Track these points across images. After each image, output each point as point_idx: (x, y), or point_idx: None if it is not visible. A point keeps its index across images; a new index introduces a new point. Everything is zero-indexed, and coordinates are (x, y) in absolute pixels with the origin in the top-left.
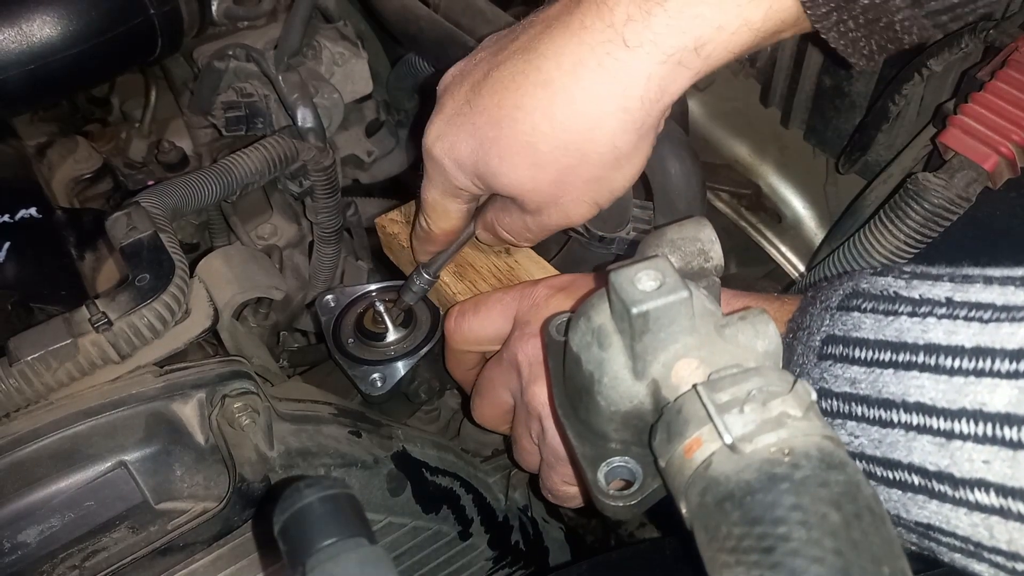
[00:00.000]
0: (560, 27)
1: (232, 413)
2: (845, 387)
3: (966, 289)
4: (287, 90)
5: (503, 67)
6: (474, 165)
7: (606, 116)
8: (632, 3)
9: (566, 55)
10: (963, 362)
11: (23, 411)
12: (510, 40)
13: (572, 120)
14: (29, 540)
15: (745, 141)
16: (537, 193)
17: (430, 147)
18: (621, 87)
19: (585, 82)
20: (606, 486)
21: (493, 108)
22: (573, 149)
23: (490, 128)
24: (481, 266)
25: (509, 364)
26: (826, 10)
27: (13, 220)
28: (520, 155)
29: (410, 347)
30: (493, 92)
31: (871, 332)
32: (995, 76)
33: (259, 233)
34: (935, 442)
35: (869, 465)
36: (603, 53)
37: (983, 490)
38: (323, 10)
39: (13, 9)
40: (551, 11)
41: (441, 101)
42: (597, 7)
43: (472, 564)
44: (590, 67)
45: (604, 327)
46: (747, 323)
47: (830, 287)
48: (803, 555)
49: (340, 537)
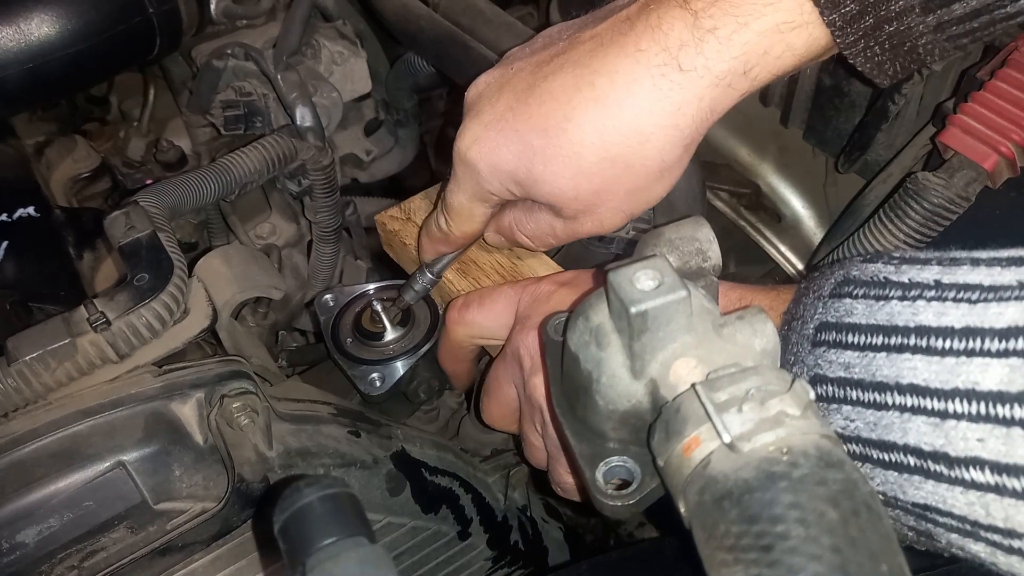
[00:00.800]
0: (615, 48)
1: (231, 413)
2: (840, 372)
3: (954, 271)
4: (286, 89)
5: (552, 79)
6: (514, 171)
7: (658, 130)
8: (686, 29)
9: (621, 73)
10: (954, 343)
11: (22, 411)
12: (553, 54)
13: (622, 134)
14: (28, 540)
15: (744, 140)
16: (577, 201)
17: (464, 151)
18: (674, 106)
19: (638, 99)
20: (604, 485)
21: (540, 118)
22: (620, 161)
23: (536, 136)
24: (484, 263)
25: (512, 358)
26: (854, 38)
27: (11, 219)
28: (565, 164)
29: (409, 347)
30: (541, 103)
31: (863, 317)
32: (995, 75)
33: (258, 232)
34: (929, 422)
35: (865, 448)
36: (658, 75)
37: (978, 468)
38: (322, 9)
39: (12, 8)
40: (602, 30)
41: (477, 107)
42: (652, 31)
43: (471, 564)
44: (645, 86)
45: (602, 326)
46: (745, 322)
47: (822, 276)
48: (801, 552)
49: (340, 536)
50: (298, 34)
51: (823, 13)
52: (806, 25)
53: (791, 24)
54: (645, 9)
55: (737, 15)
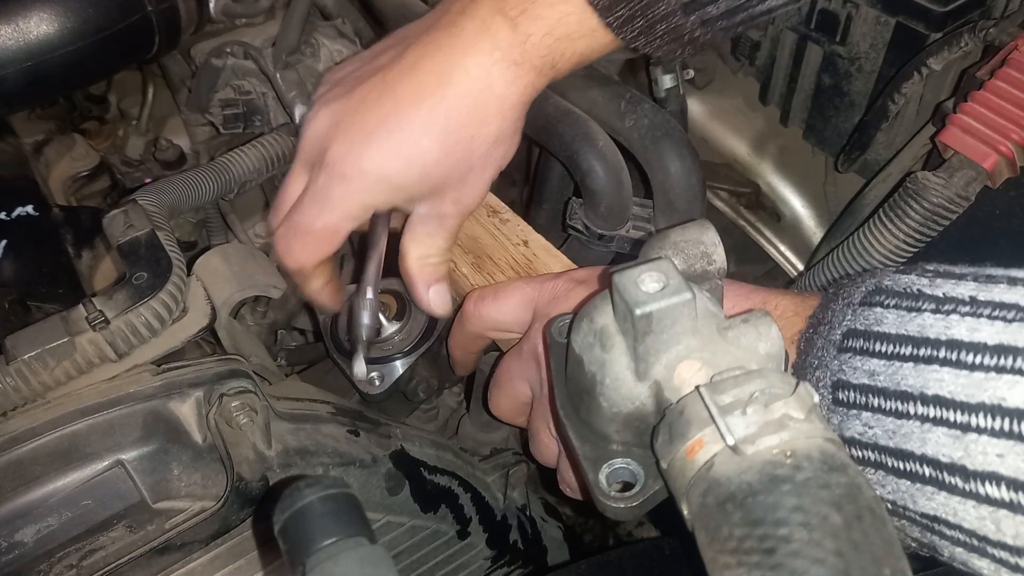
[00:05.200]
0: (457, 50)
1: (230, 412)
2: (863, 379)
3: (990, 289)
4: (285, 88)
5: (403, 81)
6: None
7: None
8: (510, 33)
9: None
10: (985, 358)
11: (20, 410)
12: (388, 62)
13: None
14: (26, 539)
15: (744, 140)
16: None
17: (357, 163)
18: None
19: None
20: (607, 487)
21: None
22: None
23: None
24: (499, 258)
25: (529, 356)
26: (633, 35)
27: (9, 218)
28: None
29: (408, 346)
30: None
31: (893, 327)
32: (995, 75)
33: (257, 231)
34: (950, 434)
35: (881, 455)
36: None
37: (994, 483)
38: (321, 7)
39: (10, 6)
40: (431, 39)
41: (341, 127)
42: (482, 34)
43: (470, 563)
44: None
45: (607, 328)
46: (749, 325)
47: (852, 284)
48: (804, 556)
49: (340, 537)
50: (297, 33)
51: (601, 17)
52: (593, 32)
53: (580, 32)
54: (472, 17)
55: (543, 27)
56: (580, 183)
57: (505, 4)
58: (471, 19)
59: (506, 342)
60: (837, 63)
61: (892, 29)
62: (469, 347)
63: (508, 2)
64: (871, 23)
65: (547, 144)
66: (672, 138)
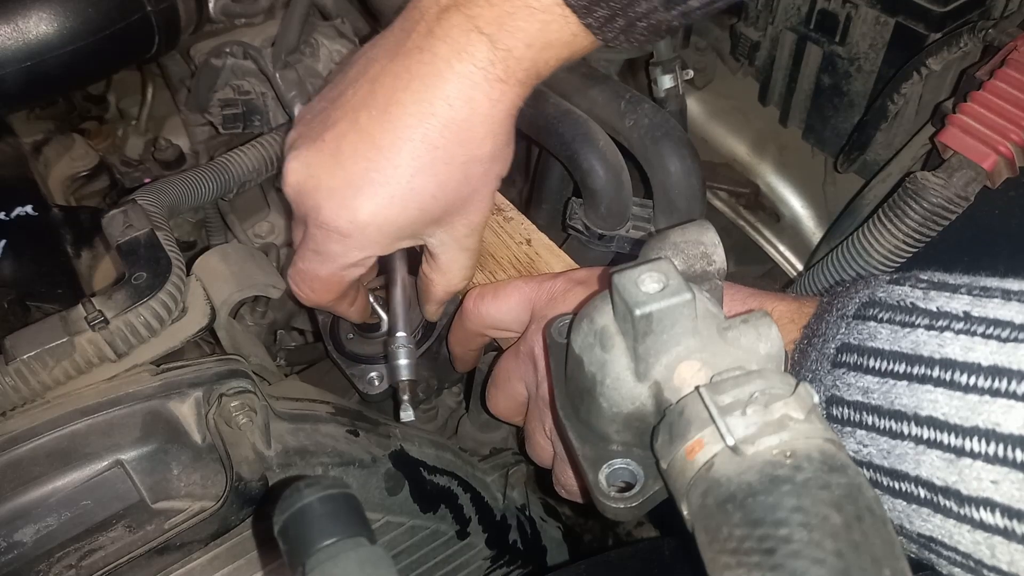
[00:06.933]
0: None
1: (229, 412)
2: (857, 396)
3: (984, 304)
4: (284, 88)
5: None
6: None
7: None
8: (488, 50)
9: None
10: (979, 380)
11: (19, 410)
12: (364, 96)
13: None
14: (25, 539)
15: (744, 140)
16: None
17: (356, 217)
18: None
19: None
20: (607, 488)
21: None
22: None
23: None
24: (502, 257)
25: (526, 356)
26: (613, 34)
27: (9, 218)
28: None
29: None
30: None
31: (887, 343)
32: (994, 75)
33: (256, 231)
34: (944, 458)
35: (876, 475)
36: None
37: (988, 509)
38: (320, 7)
39: (10, 6)
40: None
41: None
42: (460, 54)
43: (470, 563)
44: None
45: (607, 329)
46: (749, 326)
47: (846, 294)
48: (804, 556)
49: (340, 537)
50: (296, 32)
51: (580, 19)
52: (574, 37)
53: (561, 39)
54: (443, 39)
55: (523, 39)
56: (580, 183)
57: (478, 20)
58: (441, 41)
59: (506, 340)
60: (836, 63)
61: (891, 29)
62: (469, 344)
63: (480, 18)
64: (871, 23)
65: (547, 144)
66: (672, 138)
